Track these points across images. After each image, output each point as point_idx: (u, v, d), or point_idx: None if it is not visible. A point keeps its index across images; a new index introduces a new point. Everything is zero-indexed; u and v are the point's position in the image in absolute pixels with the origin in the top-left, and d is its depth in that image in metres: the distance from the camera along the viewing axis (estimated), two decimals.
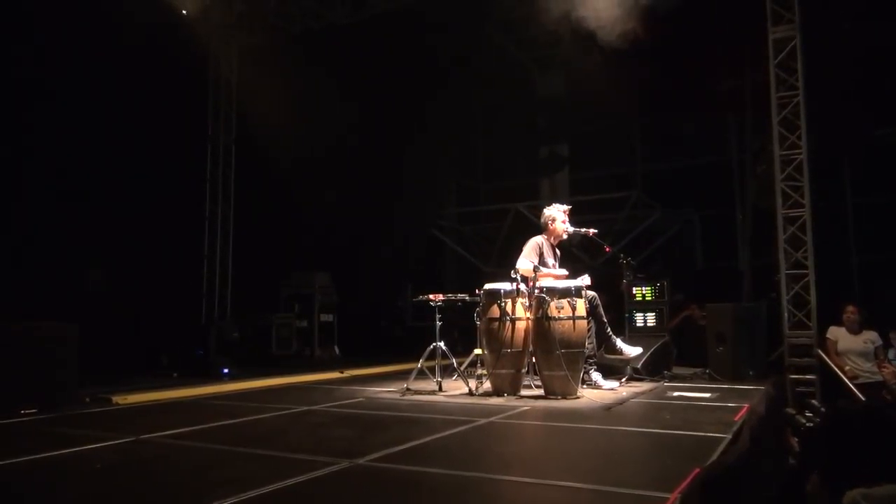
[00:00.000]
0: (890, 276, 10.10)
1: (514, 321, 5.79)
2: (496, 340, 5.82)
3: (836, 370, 7.07)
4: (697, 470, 3.05)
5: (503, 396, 5.80)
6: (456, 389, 6.26)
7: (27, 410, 5.32)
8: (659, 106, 11.93)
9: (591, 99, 11.50)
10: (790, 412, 5.33)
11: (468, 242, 13.85)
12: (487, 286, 6.04)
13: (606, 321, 6.33)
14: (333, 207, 10.99)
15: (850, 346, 7.16)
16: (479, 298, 6.08)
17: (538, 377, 5.98)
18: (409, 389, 6.28)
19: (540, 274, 5.96)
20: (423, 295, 6.56)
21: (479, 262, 13.12)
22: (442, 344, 6.34)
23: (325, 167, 10.61)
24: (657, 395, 5.93)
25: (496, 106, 13.84)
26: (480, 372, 6.30)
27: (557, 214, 6.57)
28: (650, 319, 7.56)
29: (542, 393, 5.81)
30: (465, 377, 6.29)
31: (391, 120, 11.62)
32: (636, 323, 7.61)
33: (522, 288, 5.85)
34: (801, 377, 7.30)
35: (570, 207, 6.69)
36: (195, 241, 10.42)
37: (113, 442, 4.16)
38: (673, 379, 6.98)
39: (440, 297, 6.43)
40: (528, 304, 5.86)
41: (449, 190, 14.82)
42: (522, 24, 11.41)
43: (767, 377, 6.99)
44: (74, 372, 5.89)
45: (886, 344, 7.25)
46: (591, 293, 6.13)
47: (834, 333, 7.29)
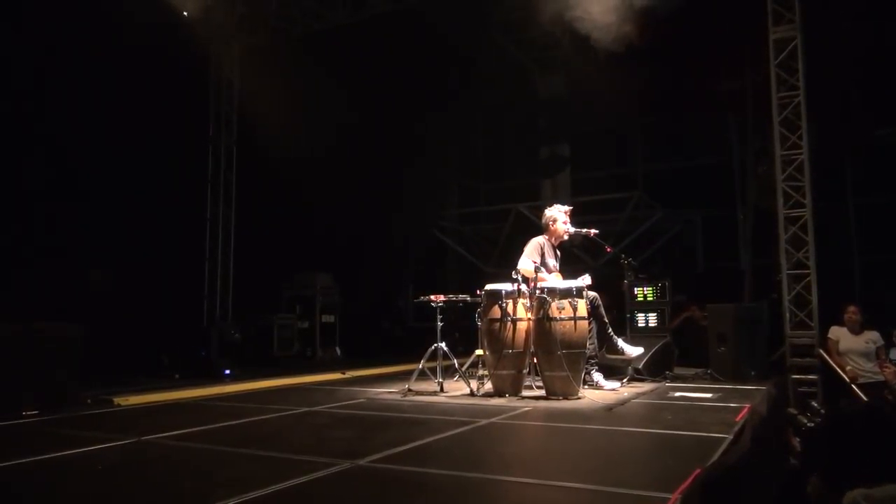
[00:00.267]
0: (891, 275, 10.09)
1: (515, 322, 5.79)
2: (497, 341, 5.82)
3: (837, 370, 7.07)
4: (698, 470, 3.05)
5: (504, 397, 5.80)
6: (457, 390, 6.26)
7: (29, 411, 5.33)
8: (660, 106, 11.93)
9: (592, 99, 11.50)
10: (791, 412, 5.33)
11: (469, 243, 13.85)
12: (488, 287, 6.04)
13: (608, 321, 6.33)
14: (335, 208, 11.00)
15: (851, 346, 7.15)
16: (480, 299, 6.08)
17: (539, 378, 5.99)
18: (410, 390, 6.28)
19: (540, 277, 5.96)
20: (424, 296, 6.57)
21: (480, 262, 13.12)
22: (443, 345, 6.34)
23: (326, 168, 10.61)
24: (658, 395, 5.93)
25: (497, 106, 13.85)
26: (482, 373, 6.32)
27: (559, 215, 6.57)
28: (651, 320, 7.57)
29: (543, 393, 5.81)
30: (466, 378, 6.29)
31: (392, 121, 11.63)
32: (637, 323, 7.62)
33: (524, 288, 5.84)
34: (802, 377, 7.30)
35: (571, 208, 6.69)
36: (197, 242, 10.42)
37: (114, 443, 4.17)
38: (674, 379, 6.98)
39: (441, 297, 6.44)
40: (529, 304, 5.86)
41: (450, 191, 14.83)
42: (523, 24, 11.42)
43: (769, 377, 6.98)
44: (76, 373, 5.90)
45: (888, 344, 7.23)
46: (592, 293, 6.13)
47: (835, 333, 7.29)
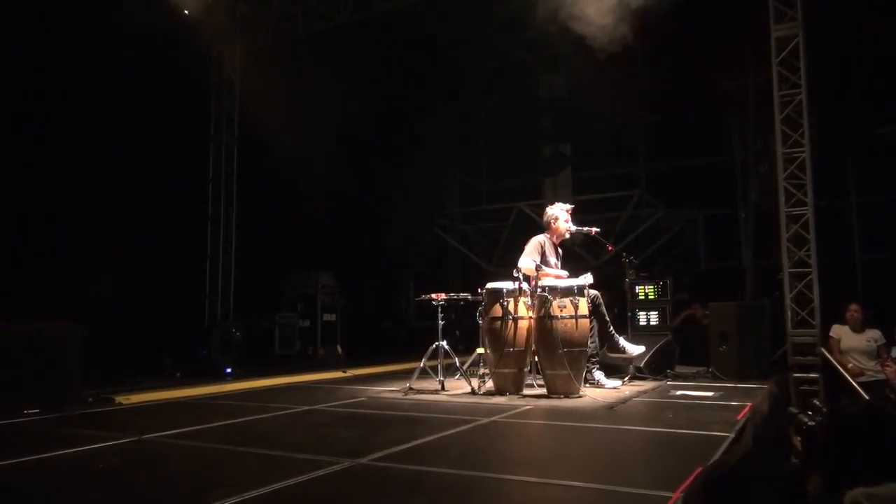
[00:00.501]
0: (893, 274, 10.06)
1: (516, 320, 5.78)
2: (499, 339, 5.82)
3: (839, 369, 7.06)
4: (700, 469, 3.04)
5: (506, 395, 5.79)
6: (458, 389, 6.25)
7: (30, 410, 5.34)
8: (662, 105, 11.90)
9: (593, 98, 11.48)
10: (793, 411, 5.33)
11: (471, 242, 13.86)
12: (490, 285, 6.03)
13: (609, 320, 6.32)
14: (336, 207, 10.99)
15: (853, 344, 7.15)
16: (481, 297, 6.08)
17: (540, 376, 5.99)
18: (411, 389, 6.28)
19: (542, 273, 5.96)
20: (425, 294, 6.57)
21: (481, 261, 13.13)
22: (444, 343, 6.34)
23: (328, 167, 10.61)
24: (660, 394, 5.92)
25: (499, 105, 13.83)
26: (483, 371, 6.32)
27: (560, 213, 6.56)
28: (653, 318, 7.57)
29: (544, 392, 5.81)
30: (467, 376, 6.29)
31: (394, 119, 11.62)
32: (639, 322, 7.62)
33: (525, 287, 5.84)
34: (804, 376, 7.28)
35: (572, 206, 6.68)
36: (198, 241, 10.42)
37: (115, 442, 4.17)
38: (676, 378, 6.98)
39: (443, 296, 6.44)
40: (530, 303, 5.86)
41: (452, 189, 14.82)
42: (525, 24, 11.40)
43: (770, 376, 6.96)
44: (77, 372, 5.91)
45: (890, 342, 7.22)
46: (593, 292, 6.12)
47: (837, 332, 7.28)
